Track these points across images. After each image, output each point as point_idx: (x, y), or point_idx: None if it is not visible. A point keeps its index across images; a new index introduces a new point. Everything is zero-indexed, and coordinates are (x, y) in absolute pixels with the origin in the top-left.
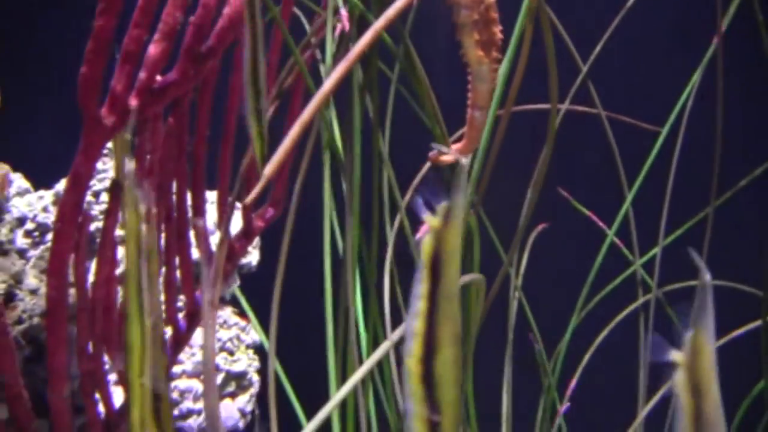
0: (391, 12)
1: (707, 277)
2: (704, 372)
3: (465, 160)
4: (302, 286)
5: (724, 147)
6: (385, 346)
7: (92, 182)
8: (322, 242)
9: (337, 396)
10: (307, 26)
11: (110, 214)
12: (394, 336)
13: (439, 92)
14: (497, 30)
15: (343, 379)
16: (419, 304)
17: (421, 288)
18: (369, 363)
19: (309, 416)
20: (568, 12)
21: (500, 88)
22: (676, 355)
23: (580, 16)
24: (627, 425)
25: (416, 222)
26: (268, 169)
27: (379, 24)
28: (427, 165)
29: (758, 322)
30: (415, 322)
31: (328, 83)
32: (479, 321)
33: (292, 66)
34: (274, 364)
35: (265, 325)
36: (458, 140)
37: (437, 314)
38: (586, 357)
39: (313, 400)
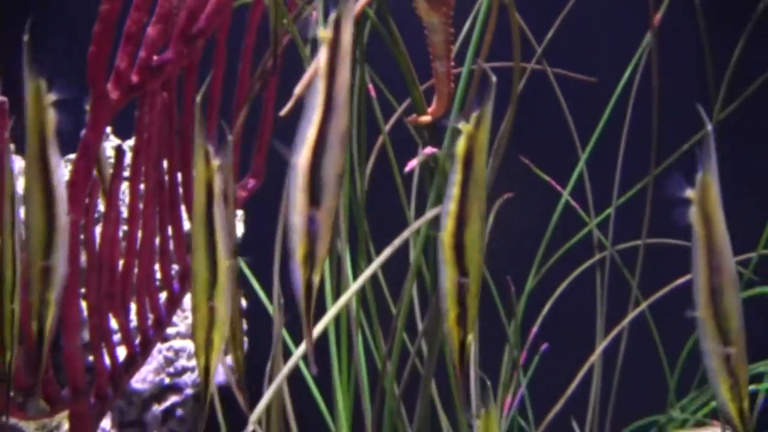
0: None
1: (710, 127)
2: (712, 205)
3: (494, 78)
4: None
5: (667, 113)
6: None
7: None
8: None
9: (332, 310)
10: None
11: (114, 178)
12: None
13: (416, 57)
14: None
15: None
16: (454, 189)
17: (455, 177)
18: (360, 280)
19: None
20: None
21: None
22: (690, 192)
23: None
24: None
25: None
26: (298, 89)
27: None
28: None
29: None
30: (449, 204)
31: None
32: None
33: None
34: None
35: (252, 292)
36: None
37: (468, 196)
38: (545, 308)
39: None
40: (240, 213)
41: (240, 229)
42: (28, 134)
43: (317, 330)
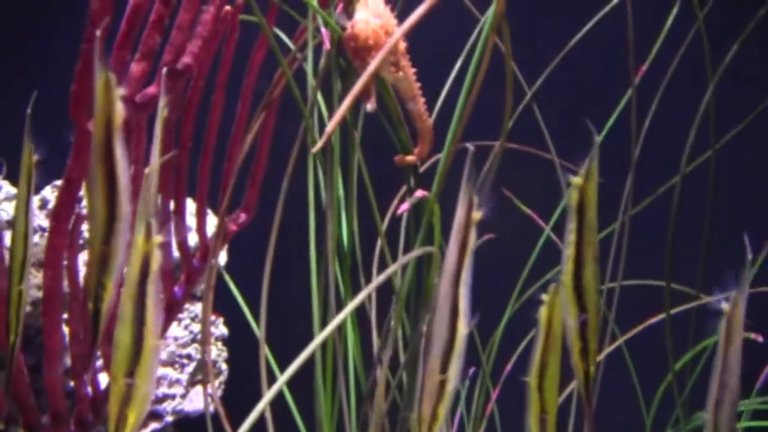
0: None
1: (750, 256)
2: (736, 322)
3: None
4: (281, 282)
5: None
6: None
7: None
8: (298, 243)
9: (319, 337)
10: (287, 41)
11: None
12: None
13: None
14: (398, 48)
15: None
16: (570, 236)
17: (571, 225)
18: (347, 310)
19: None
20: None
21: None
22: (725, 305)
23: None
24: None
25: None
26: (330, 127)
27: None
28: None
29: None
30: (568, 250)
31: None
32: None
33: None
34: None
35: (232, 320)
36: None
37: (584, 242)
38: (522, 345)
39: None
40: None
41: (223, 258)
42: (95, 123)
43: (303, 357)
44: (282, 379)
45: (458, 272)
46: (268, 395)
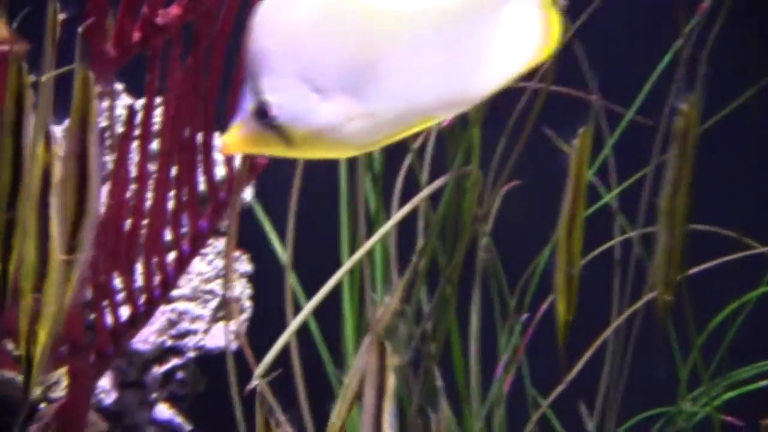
0: None
1: None
2: None
3: None
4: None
5: None
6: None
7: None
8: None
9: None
10: None
11: (124, 138)
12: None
13: None
14: None
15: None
16: None
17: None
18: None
19: None
20: None
21: None
22: None
23: None
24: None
25: None
26: None
27: None
28: None
29: None
30: None
31: None
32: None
33: None
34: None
35: (257, 256)
36: None
37: None
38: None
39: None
40: None
41: (249, 193)
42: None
43: (329, 285)
44: (307, 307)
45: (379, 416)
46: (293, 325)
